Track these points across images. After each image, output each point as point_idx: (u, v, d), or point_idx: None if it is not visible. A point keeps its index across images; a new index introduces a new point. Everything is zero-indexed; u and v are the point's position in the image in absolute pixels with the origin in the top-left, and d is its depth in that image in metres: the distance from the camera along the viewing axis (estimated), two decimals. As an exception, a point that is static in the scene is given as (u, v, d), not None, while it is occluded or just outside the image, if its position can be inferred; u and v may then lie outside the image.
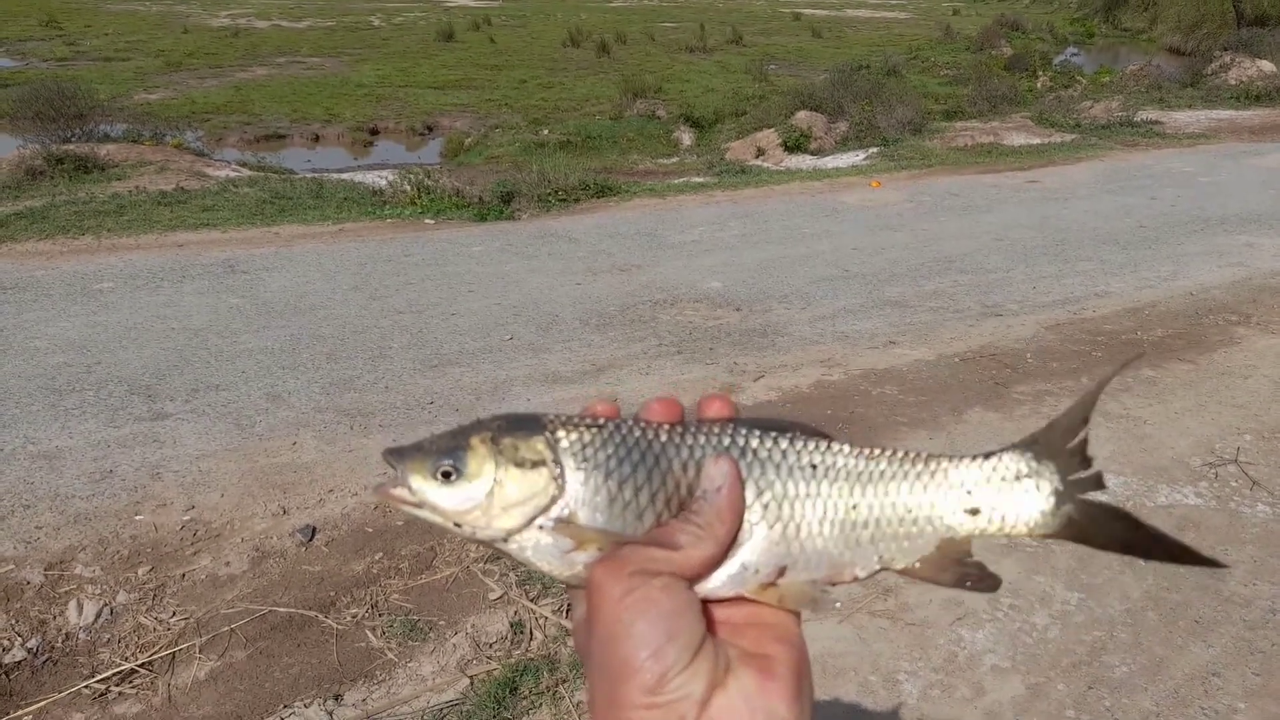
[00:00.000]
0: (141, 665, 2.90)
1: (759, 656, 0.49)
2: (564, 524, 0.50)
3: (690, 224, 7.88)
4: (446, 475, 0.50)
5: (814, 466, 0.53)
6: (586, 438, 0.51)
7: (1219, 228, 7.85)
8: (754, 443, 0.53)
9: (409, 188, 8.26)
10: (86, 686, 2.80)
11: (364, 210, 8.04)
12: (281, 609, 3.14)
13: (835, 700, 2.78)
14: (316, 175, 9.87)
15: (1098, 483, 0.56)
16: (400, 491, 0.51)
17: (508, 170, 10.60)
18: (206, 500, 3.68)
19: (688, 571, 0.49)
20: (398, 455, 0.51)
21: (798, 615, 0.53)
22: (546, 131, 13.79)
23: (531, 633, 3.05)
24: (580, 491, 0.50)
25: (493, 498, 0.50)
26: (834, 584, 0.54)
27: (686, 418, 0.55)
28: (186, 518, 3.57)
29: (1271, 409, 4.63)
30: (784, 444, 0.53)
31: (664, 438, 0.52)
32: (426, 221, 7.84)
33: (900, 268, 6.75)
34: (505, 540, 0.51)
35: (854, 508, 0.53)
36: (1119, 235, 7.61)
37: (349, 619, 3.12)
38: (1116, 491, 3.87)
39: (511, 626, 3.06)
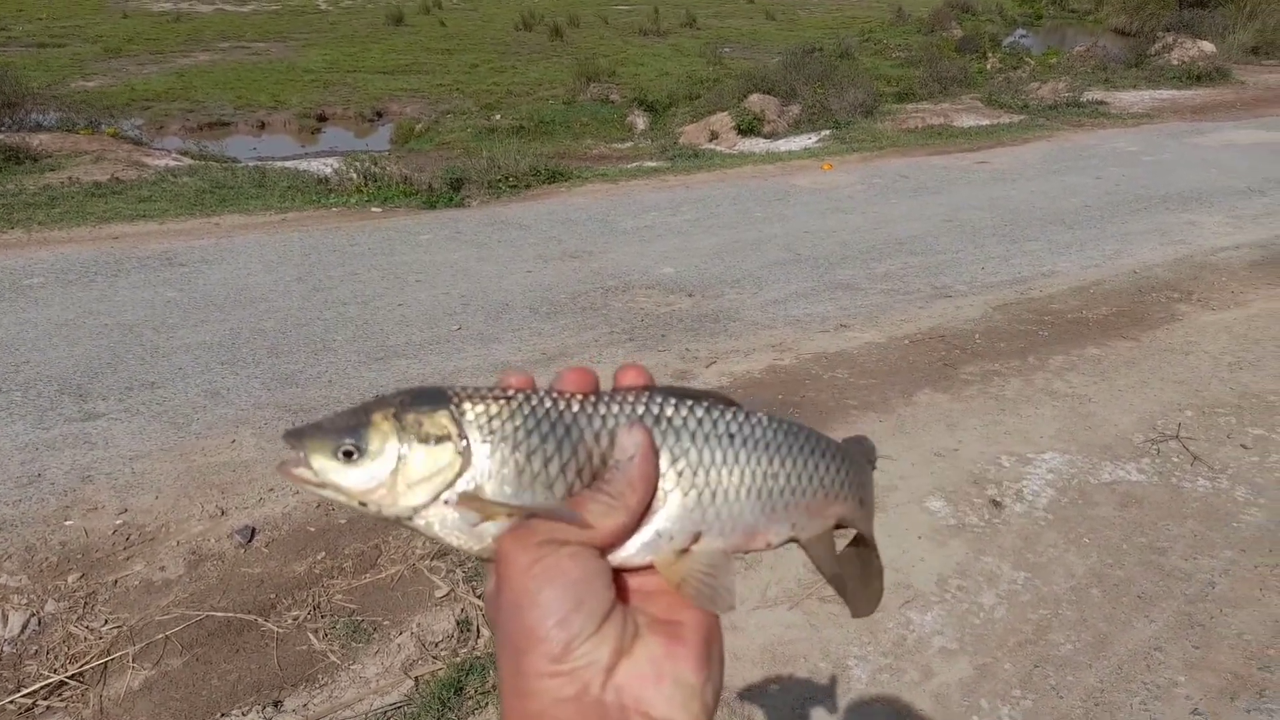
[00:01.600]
0: (71, 677, 2.79)
1: (668, 623, 0.50)
2: (469, 497, 0.49)
3: (642, 209, 7.82)
4: (349, 454, 0.49)
5: (731, 435, 0.53)
6: (494, 410, 0.50)
7: (1162, 206, 7.99)
8: (669, 411, 0.53)
9: (355, 175, 8.08)
10: (11, 702, 2.69)
11: (308, 199, 7.85)
12: (219, 613, 3.05)
13: (785, 687, 2.77)
14: (260, 164, 9.60)
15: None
16: (303, 472, 0.50)
17: (459, 156, 10.43)
18: (140, 503, 3.56)
19: (598, 540, 0.49)
20: (298, 436, 0.50)
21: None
22: (499, 116, 13.60)
23: (478, 630, 3.00)
24: (487, 464, 0.49)
25: (397, 475, 0.49)
26: (746, 551, 0.54)
27: (601, 389, 0.54)
28: (119, 521, 3.45)
29: (1211, 385, 4.72)
30: (699, 411, 0.53)
31: (575, 408, 0.52)
32: (373, 210, 7.67)
33: (851, 250, 6.76)
34: (412, 517, 0.50)
35: (773, 475, 0.54)
36: (1066, 215, 7.70)
37: (290, 622, 3.03)
38: (1061, 470, 3.91)
39: (458, 624, 3.01)
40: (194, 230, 6.94)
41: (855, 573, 0.63)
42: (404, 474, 0.49)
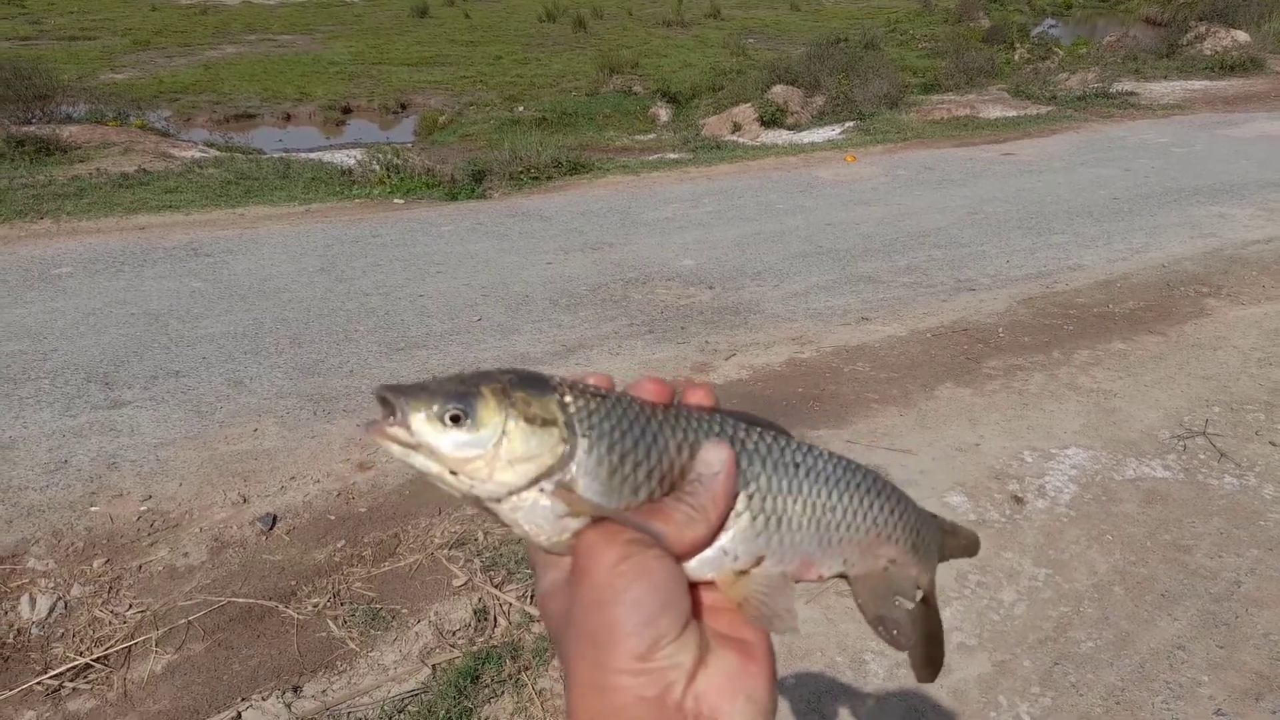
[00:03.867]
0: (96, 660, 2.84)
1: (737, 640, 0.50)
2: (565, 490, 0.48)
3: (664, 201, 7.80)
4: (455, 419, 0.47)
5: (797, 465, 0.54)
6: (592, 405, 0.50)
7: (1192, 199, 7.85)
8: (741, 434, 0.54)
9: (378, 167, 8.12)
10: (39, 683, 2.74)
11: (332, 190, 7.90)
12: (241, 600, 3.09)
13: (802, 681, 2.77)
14: (284, 155, 9.68)
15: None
16: (397, 431, 0.47)
17: (482, 148, 10.45)
18: (164, 490, 3.61)
19: (678, 549, 0.49)
20: (399, 393, 0.47)
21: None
22: (522, 108, 13.61)
23: (495, 619, 3.02)
24: (585, 459, 0.48)
25: (499, 450, 0.47)
26: (799, 579, 0.55)
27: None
28: (144, 508, 3.50)
29: (1240, 380, 4.64)
30: (769, 439, 0.54)
31: (660, 416, 0.52)
32: (396, 201, 7.71)
33: (874, 243, 6.71)
34: (500, 498, 0.48)
35: (831, 509, 0.55)
36: (1093, 207, 7.59)
37: (310, 609, 3.06)
38: (1084, 466, 3.87)
39: (475, 613, 3.02)
40: (219, 221, 7.01)
41: (919, 633, 0.64)
42: (507, 451, 0.47)
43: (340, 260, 6.18)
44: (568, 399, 0.49)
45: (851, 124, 11.30)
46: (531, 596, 3.09)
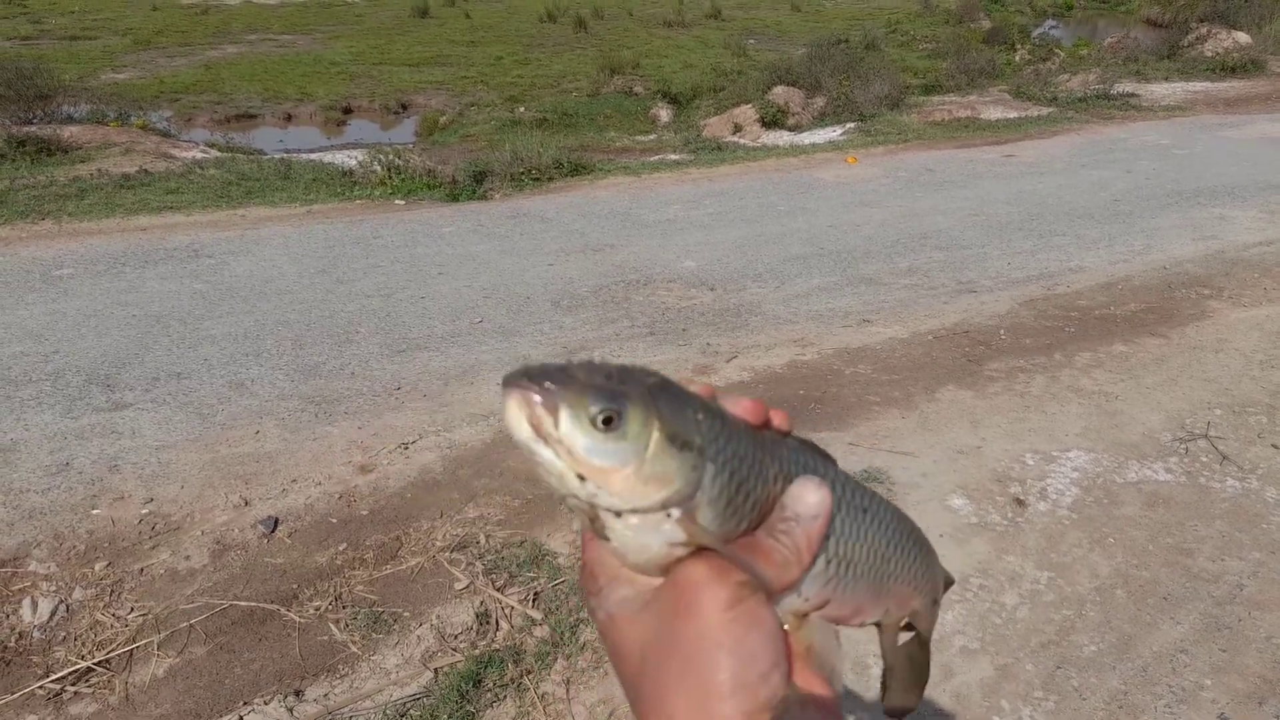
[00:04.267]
0: (98, 663, 2.83)
1: (818, 699, 0.48)
2: (689, 517, 0.45)
3: (665, 202, 7.80)
4: (607, 423, 0.43)
5: (864, 510, 0.53)
6: (717, 428, 0.46)
7: (1193, 201, 7.85)
8: (823, 469, 0.52)
9: (379, 168, 8.12)
10: (41, 687, 2.74)
11: (333, 191, 7.90)
12: (242, 603, 3.09)
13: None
14: (285, 156, 9.68)
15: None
16: (543, 418, 0.43)
17: (483, 149, 10.45)
18: (166, 492, 3.61)
19: (774, 591, 0.47)
20: (551, 379, 0.43)
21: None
22: (522, 109, 13.60)
23: (497, 623, 3.01)
24: (709, 488, 0.45)
25: (641, 466, 0.44)
26: (843, 624, 0.54)
27: None
28: (145, 511, 3.50)
29: (1242, 383, 4.64)
30: (844, 479, 0.53)
31: (761, 443, 0.49)
32: (397, 202, 7.71)
33: (875, 245, 6.71)
34: (620, 513, 0.45)
35: (887, 559, 0.54)
36: (1094, 209, 7.59)
37: (312, 612, 3.06)
38: (1086, 469, 3.87)
39: (477, 617, 3.02)
40: (220, 222, 7.01)
41: (907, 667, 0.64)
42: (648, 469, 0.44)
43: (341, 262, 6.18)
44: (700, 417, 0.46)
45: (852, 125, 11.30)
46: (534, 599, 3.09)
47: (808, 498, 0.48)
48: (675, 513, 0.44)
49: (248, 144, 11.38)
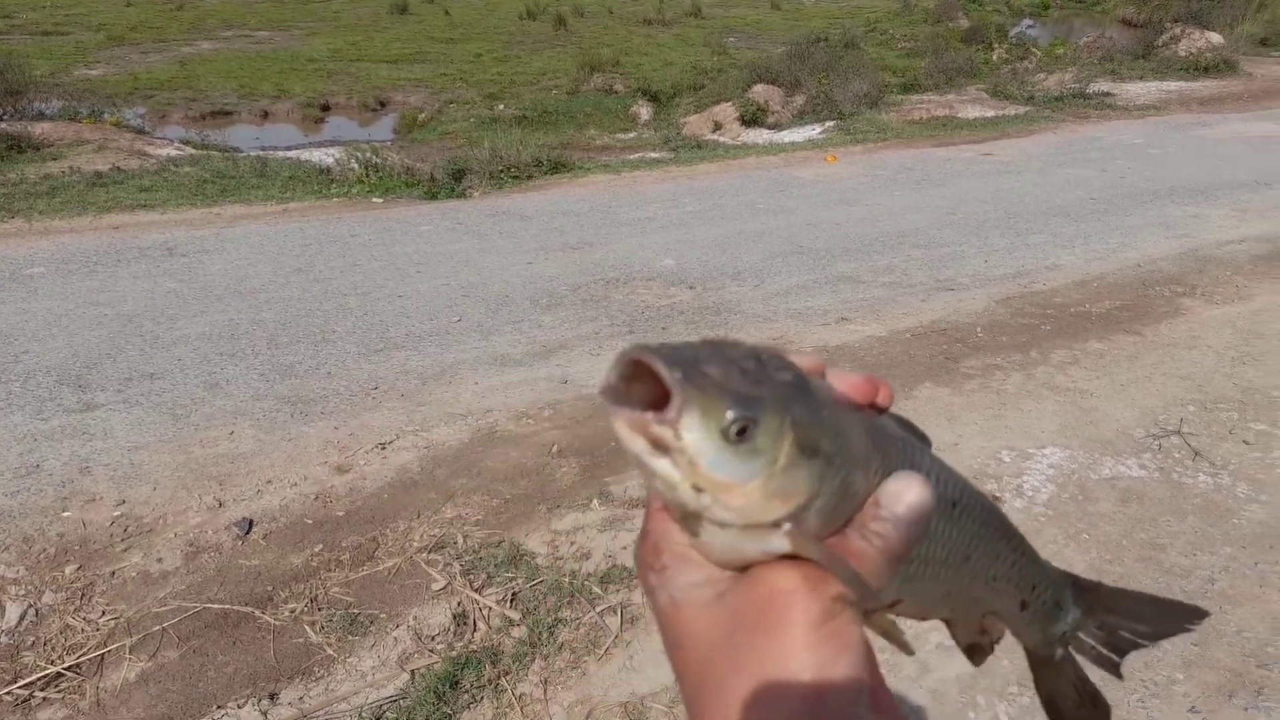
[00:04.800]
0: (68, 668, 2.79)
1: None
2: (799, 529, 0.40)
3: (645, 201, 7.80)
4: (741, 434, 0.37)
5: (954, 503, 0.47)
6: (841, 425, 0.41)
7: (1167, 199, 7.94)
8: (919, 458, 0.46)
9: (357, 166, 8.06)
10: (8, 693, 2.69)
11: (310, 189, 7.84)
12: (216, 606, 3.05)
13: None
14: (262, 154, 9.59)
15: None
16: (661, 431, 0.37)
17: (462, 147, 10.40)
18: (138, 494, 3.56)
19: (859, 599, 0.42)
20: (683, 379, 0.37)
21: None
22: (502, 107, 13.56)
23: (475, 624, 3.00)
24: (826, 498, 0.40)
25: (768, 480, 0.38)
26: (905, 617, 0.50)
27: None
28: (117, 513, 3.45)
29: (1214, 379, 4.69)
30: (937, 466, 0.46)
31: (867, 433, 0.43)
32: (375, 201, 7.66)
33: (854, 243, 6.73)
34: (728, 526, 0.39)
35: (966, 560, 0.48)
36: (1070, 207, 7.66)
37: (287, 614, 3.03)
38: (1061, 466, 3.90)
39: (454, 618, 3.00)
40: (195, 220, 6.93)
41: (1072, 698, 0.62)
42: (774, 484, 0.38)
43: (318, 260, 6.13)
44: (827, 415, 0.40)
45: (832, 123, 11.34)
46: (512, 599, 3.08)
47: (908, 497, 0.43)
48: (787, 526, 0.40)
49: (223, 141, 11.27)
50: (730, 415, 0.37)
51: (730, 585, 0.42)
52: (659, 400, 0.37)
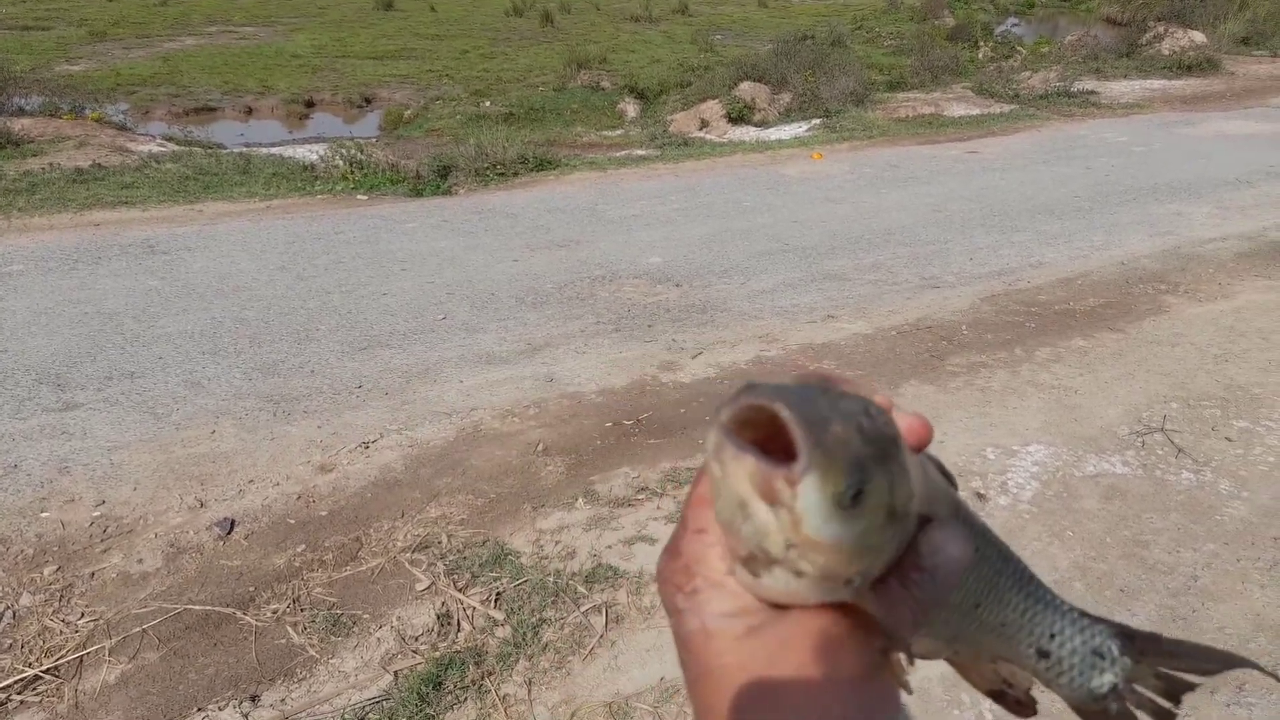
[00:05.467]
0: (46, 671, 2.76)
1: None
2: (866, 582, 0.39)
3: (631, 198, 7.78)
4: (856, 498, 0.36)
5: (975, 549, 0.47)
6: (917, 484, 0.40)
7: (1150, 197, 7.98)
8: (956, 507, 0.45)
9: (341, 162, 8.01)
10: (-15, 696, 2.66)
11: (294, 186, 7.78)
12: (197, 607, 3.02)
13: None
14: (245, 150, 9.51)
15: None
16: (778, 487, 0.36)
17: (447, 144, 10.34)
18: (118, 494, 3.52)
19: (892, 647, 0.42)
20: (816, 433, 0.36)
21: None
22: (488, 103, 13.50)
23: (459, 624, 2.98)
24: (895, 549, 0.40)
25: (859, 542, 0.37)
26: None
27: None
28: (97, 513, 3.42)
29: (1197, 377, 4.72)
30: (964, 512, 0.46)
31: (923, 477, 0.42)
32: (359, 197, 7.61)
33: (840, 241, 6.74)
34: (803, 576, 0.38)
35: (975, 606, 0.47)
36: (1054, 205, 7.69)
37: (269, 615, 3.01)
38: (1046, 463, 3.91)
39: (438, 618, 2.99)
40: (177, 217, 6.87)
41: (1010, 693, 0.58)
42: (864, 541, 0.37)
43: (302, 258, 6.08)
44: (912, 475, 0.39)
45: (818, 121, 11.35)
46: (496, 599, 3.06)
47: (951, 550, 0.42)
48: (858, 580, 0.39)
49: (207, 138, 11.17)
50: (848, 483, 0.36)
51: (766, 622, 0.41)
52: (766, 441, 0.37)
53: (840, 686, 0.39)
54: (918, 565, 0.41)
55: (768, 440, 0.37)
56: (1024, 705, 0.56)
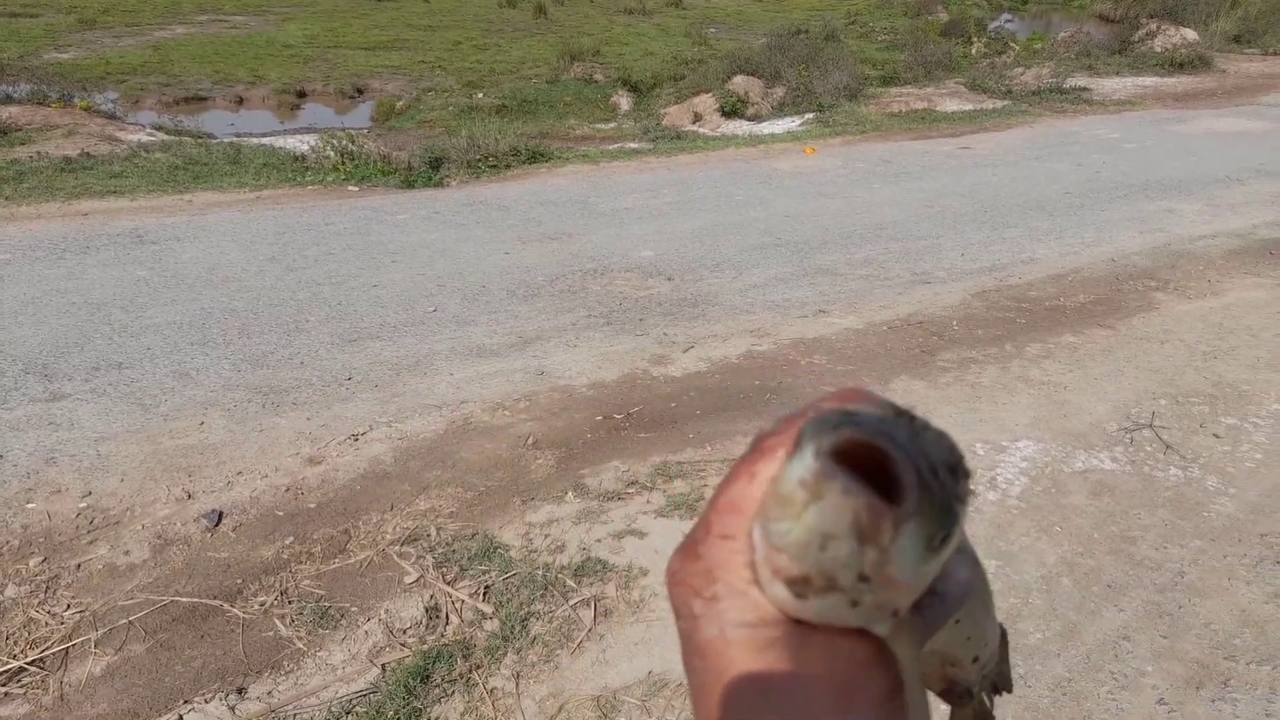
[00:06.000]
0: (31, 662, 2.75)
1: None
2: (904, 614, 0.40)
3: (624, 191, 7.76)
4: (944, 541, 0.36)
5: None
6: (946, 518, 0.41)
7: (1141, 194, 8.00)
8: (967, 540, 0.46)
9: (332, 153, 7.96)
10: (-31, 688, 2.64)
11: (284, 176, 7.73)
12: (184, 599, 3.01)
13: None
14: (236, 140, 9.46)
15: None
16: (881, 529, 0.36)
17: (439, 135, 10.30)
18: (105, 485, 3.50)
19: None
20: (923, 478, 0.36)
21: None
22: (481, 95, 13.45)
23: (447, 617, 2.97)
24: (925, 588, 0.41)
25: (927, 579, 0.37)
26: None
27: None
28: (83, 504, 3.40)
29: (1186, 373, 4.74)
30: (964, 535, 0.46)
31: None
32: (350, 188, 7.57)
33: (832, 235, 6.74)
34: (859, 605, 0.38)
35: (956, 622, 0.47)
36: (1046, 202, 7.70)
37: (256, 607, 3.00)
38: (1035, 459, 3.92)
39: (426, 611, 2.98)
40: (166, 207, 6.82)
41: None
42: (927, 577, 0.38)
43: (292, 248, 6.05)
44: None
45: (811, 115, 11.34)
46: (485, 593, 3.06)
47: (959, 576, 0.43)
48: (904, 612, 0.39)
49: (197, 127, 11.09)
50: (943, 528, 0.36)
51: (785, 637, 0.39)
52: (852, 468, 0.36)
53: (862, 707, 0.38)
54: (931, 589, 0.41)
55: (852, 468, 0.36)
56: (964, 697, 0.59)
